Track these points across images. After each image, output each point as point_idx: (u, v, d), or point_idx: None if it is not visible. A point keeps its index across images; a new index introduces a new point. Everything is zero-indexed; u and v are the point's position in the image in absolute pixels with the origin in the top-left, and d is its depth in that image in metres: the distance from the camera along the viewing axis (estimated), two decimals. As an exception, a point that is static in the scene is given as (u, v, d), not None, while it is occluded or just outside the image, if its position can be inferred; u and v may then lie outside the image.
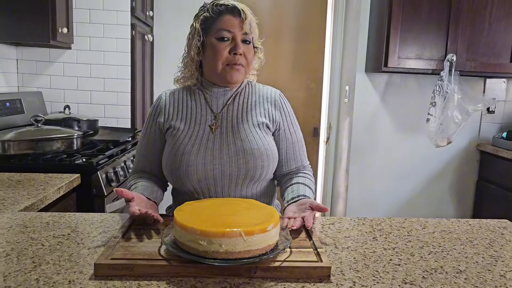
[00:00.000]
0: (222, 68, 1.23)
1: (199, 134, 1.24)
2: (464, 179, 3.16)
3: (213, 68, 1.24)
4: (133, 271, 0.82)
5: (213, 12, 1.22)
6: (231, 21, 1.21)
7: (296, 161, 1.34)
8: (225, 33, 1.21)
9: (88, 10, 2.65)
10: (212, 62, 1.23)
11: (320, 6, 3.51)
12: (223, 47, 1.21)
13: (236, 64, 1.22)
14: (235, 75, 1.24)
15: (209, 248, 0.82)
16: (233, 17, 1.21)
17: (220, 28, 1.21)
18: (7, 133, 1.93)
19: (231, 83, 1.27)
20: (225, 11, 1.21)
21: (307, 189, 1.27)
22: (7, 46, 2.52)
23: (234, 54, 1.21)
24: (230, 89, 1.30)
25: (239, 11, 1.21)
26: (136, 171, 1.34)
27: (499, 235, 1.14)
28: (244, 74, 1.28)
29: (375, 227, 1.16)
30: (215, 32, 1.22)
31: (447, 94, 2.67)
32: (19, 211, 1.23)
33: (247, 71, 1.28)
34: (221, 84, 1.28)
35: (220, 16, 1.21)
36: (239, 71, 1.24)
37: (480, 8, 2.70)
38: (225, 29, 1.21)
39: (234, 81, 1.25)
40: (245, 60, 1.24)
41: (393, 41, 2.68)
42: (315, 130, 3.65)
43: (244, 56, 1.23)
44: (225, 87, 1.29)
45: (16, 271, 0.83)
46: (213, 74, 1.26)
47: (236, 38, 1.21)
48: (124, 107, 2.76)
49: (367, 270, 0.88)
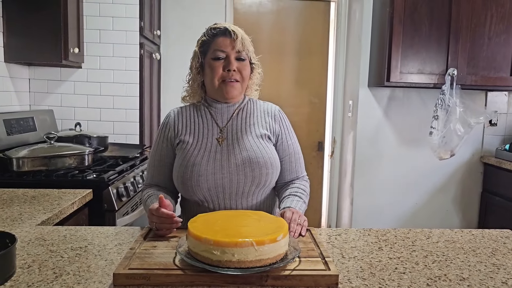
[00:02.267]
0: (218, 84, 1.33)
1: (207, 146, 1.33)
2: (468, 191, 3.18)
3: (211, 85, 1.35)
4: (150, 280, 0.86)
5: (208, 36, 1.35)
6: (224, 41, 1.32)
7: (291, 172, 1.43)
8: (219, 53, 1.32)
9: (98, 30, 2.74)
10: (210, 79, 1.34)
11: (323, 22, 3.60)
12: (218, 65, 1.32)
13: (230, 80, 1.32)
14: (230, 90, 1.33)
15: (222, 257, 0.86)
16: (226, 37, 1.32)
17: (214, 49, 1.33)
18: (21, 151, 1.99)
19: (228, 98, 1.36)
20: (219, 34, 1.33)
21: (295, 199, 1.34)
22: (20, 66, 2.60)
23: (228, 70, 1.31)
24: (232, 104, 1.39)
25: (230, 32, 1.32)
26: (149, 186, 1.41)
27: (501, 244, 1.17)
28: (241, 89, 1.37)
29: (381, 237, 1.20)
30: (211, 52, 1.33)
31: (449, 108, 2.71)
32: (37, 225, 1.27)
33: (243, 86, 1.38)
34: (222, 100, 1.38)
35: (215, 38, 1.33)
36: (233, 87, 1.33)
37: (479, 24, 2.76)
38: (219, 49, 1.32)
39: (230, 96, 1.35)
40: (240, 76, 1.34)
41: (394, 56, 2.74)
42: (320, 144, 3.70)
43: (239, 72, 1.33)
44: (227, 103, 1.38)
45: (39, 281, 0.87)
46: (212, 91, 1.37)
47: (229, 57, 1.32)
48: (132, 123, 2.82)
49: (373, 278, 0.92)
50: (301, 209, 1.31)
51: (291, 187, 1.40)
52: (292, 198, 1.34)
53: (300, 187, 1.40)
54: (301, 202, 1.35)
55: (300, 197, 1.36)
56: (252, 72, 1.40)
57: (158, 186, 1.39)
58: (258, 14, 3.52)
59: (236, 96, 1.37)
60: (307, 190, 1.43)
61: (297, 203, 1.32)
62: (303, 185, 1.42)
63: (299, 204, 1.32)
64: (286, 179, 1.42)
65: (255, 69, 1.41)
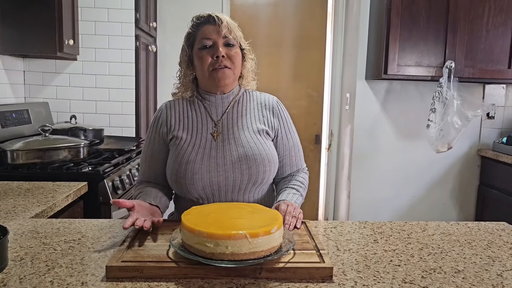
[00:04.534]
0: (209, 73, 1.28)
1: (202, 142, 1.28)
2: (465, 184, 3.19)
3: (202, 75, 1.30)
4: (143, 273, 0.85)
5: (193, 27, 1.31)
6: (208, 29, 1.28)
7: (291, 166, 1.40)
8: (206, 41, 1.27)
9: (94, 22, 2.71)
10: (200, 70, 1.30)
11: (320, 15, 3.57)
12: (206, 53, 1.27)
13: (220, 67, 1.27)
14: (222, 77, 1.27)
15: (215, 250, 0.85)
16: (210, 25, 1.28)
17: (201, 38, 1.28)
18: (15, 143, 1.98)
19: (221, 86, 1.30)
20: (203, 22, 1.29)
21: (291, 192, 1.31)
22: (15, 58, 2.58)
23: (216, 57, 1.26)
24: (227, 96, 1.34)
25: (214, 18, 1.27)
26: (141, 182, 1.37)
27: (497, 236, 1.17)
28: (234, 76, 1.31)
29: (376, 230, 1.19)
30: (198, 42, 1.29)
31: (446, 100, 2.70)
32: (30, 218, 1.26)
33: (236, 73, 1.32)
34: (215, 90, 1.32)
35: (199, 28, 1.29)
36: (225, 73, 1.27)
37: (477, 16, 2.75)
38: (205, 37, 1.27)
39: (223, 83, 1.29)
40: (231, 62, 1.28)
41: (392, 49, 2.72)
42: (317, 138, 3.69)
43: (229, 59, 1.28)
44: (221, 95, 1.33)
45: (31, 274, 0.87)
46: (204, 81, 1.32)
47: (216, 43, 1.27)
48: (128, 116, 2.81)
49: (368, 271, 0.91)
50: (297, 202, 1.30)
51: (289, 180, 1.38)
52: (289, 191, 1.32)
53: (298, 180, 1.38)
54: (297, 195, 1.33)
55: (297, 190, 1.34)
56: (244, 59, 1.34)
57: (150, 182, 1.35)
58: (255, 6, 3.49)
59: (229, 84, 1.32)
60: (306, 182, 1.41)
61: (293, 196, 1.30)
62: (302, 177, 1.40)
63: (295, 197, 1.30)
64: (286, 173, 1.40)
65: (246, 55, 1.35)
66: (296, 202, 1.29)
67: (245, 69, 1.36)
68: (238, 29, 1.32)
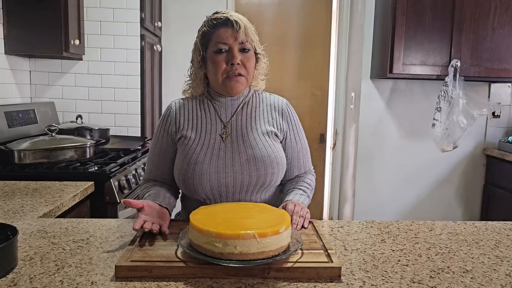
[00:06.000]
0: (222, 80, 1.26)
1: (210, 143, 1.27)
2: (470, 183, 3.18)
3: (214, 80, 1.28)
4: (152, 272, 0.86)
5: (209, 27, 1.26)
6: (226, 33, 1.23)
7: (299, 168, 1.39)
8: (221, 45, 1.24)
9: (99, 22, 2.72)
10: (213, 74, 1.27)
11: (325, 14, 3.57)
12: (221, 58, 1.24)
13: (235, 75, 1.25)
14: (235, 86, 1.26)
15: (224, 250, 0.85)
16: (228, 28, 1.23)
17: (216, 41, 1.24)
18: (22, 143, 1.99)
19: (233, 94, 1.30)
20: (220, 24, 1.24)
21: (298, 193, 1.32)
22: (21, 58, 2.59)
23: (231, 64, 1.23)
24: (237, 98, 1.33)
25: (232, 22, 1.23)
26: (147, 181, 1.36)
27: (504, 236, 1.16)
28: (246, 83, 1.30)
29: (383, 229, 1.19)
30: (213, 45, 1.25)
31: (452, 99, 2.69)
32: (38, 218, 1.27)
33: (248, 79, 1.30)
34: (226, 94, 1.31)
35: (216, 30, 1.25)
36: (238, 81, 1.26)
37: (483, 15, 2.73)
38: (221, 42, 1.24)
39: (235, 92, 1.28)
40: (245, 69, 1.26)
41: (397, 48, 2.72)
42: (322, 137, 3.69)
43: (243, 65, 1.25)
44: (231, 97, 1.33)
45: (40, 274, 0.87)
46: (215, 85, 1.30)
47: (232, 49, 1.24)
48: (134, 116, 2.82)
49: (376, 270, 0.91)
50: (304, 203, 1.29)
51: (296, 181, 1.38)
52: (296, 192, 1.32)
53: (305, 181, 1.38)
54: (304, 196, 1.32)
55: (304, 191, 1.34)
56: (257, 62, 1.32)
57: (156, 181, 1.34)
58: (260, 5, 3.49)
59: (242, 90, 1.30)
60: (313, 184, 1.40)
61: (300, 197, 1.30)
62: (309, 179, 1.40)
63: (302, 198, 1.30)
64: (293, 175, 1.39)
65: (260, 59, 1.33)
66: (303, 203, 1.29)
67: (256, 71, 1.34)
68: (254, 33, 1.28)
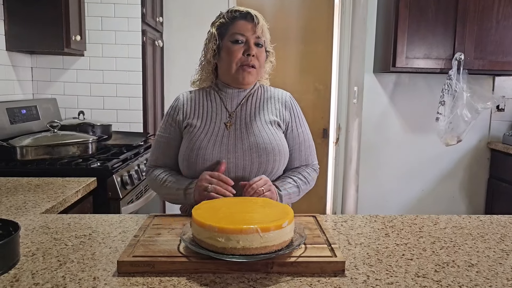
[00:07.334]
0: (236, 69, 1.31)
1: (215, 130, 1.31)
2: (475, 177, 3.16)
3: (227, 69, 1.32)
4: (154, 267, 0.85)
5: (228, 18, 1.32)
6: (245, 25, 1.30)
7: (300, 161, 1.40)
8: (239, 36, 1.29)
9: (100, 17, 2.71)
10: (227, 63, 1.31)
11: (327, 8, 3.54)
12: (237, 49, 1.29)
13: (248, 66, 1.30)
14: (247, 77, 1.32)
15: (227, 244, 0.84)
16: (247, 22, 1.30)
17: (234, 32, 1.30)
18: (24, 139, 1.98)
19: (243, 84, 1.34)
20: (239, 17, 1.31)
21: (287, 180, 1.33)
22: (22, 55, 2.58)
23: (247, 55, 1.29)
24: (243, 90, 1.38)
25: (252, 16, 1.30)
26: (155, 167, 1.39)
27: (510, 230, 1.15)
28: (256, 76, 1.35)
29: (387, 224, 1.18)
30: (230, 35, 1.30)
31: (456, 93, 2.67)
32: (41, 214, 1.27)
33: (259, 72, 1.35)
34: (235, 85, 1.36)
35: (235, 21, 1.31)
36: (251, 73, 1.31)
37: (487, 7, 2.71)
38: (239, 33, 1.29)
39: (246, 82, 1.33)
40: (258, 62, 1.32)
41: (400, 41, 2.69)
42: (325, 131, 3.67)
43: (257, 58, 1.31)
44: (238, 88, 1.37)
45: (43, 269, 0.87)
46: (227, 75, 1.34)
47: (249, 41, 1.30)
48: (136, 111, 2.81)
49: (381, 265, 0.90)
50: (289, 192, 1.30)
51: (292, 171, 1.38)
52: (285, 179, 1.33)
53: (301, 173, 1.37)
54: (292, 185, 1.32)
55: (295, 181, 1.33)
56: (266, 59, 1.38)
57: (162, 168, 1.38)
58: (262, 0, 3.47)
59: (252, 83, 1.36)
60: (309, 178, 1.39)
61: (287, 184, 1.30)
62: (307, 172, 1.39)
63: (288, 186, 1.30)
64: (294, 167, 1.40)
65: (268, 57, 1.39)
66: (288, 191, 1.29)
67: (263, 69, 1.40)
68: (268, 32, 1.35)
